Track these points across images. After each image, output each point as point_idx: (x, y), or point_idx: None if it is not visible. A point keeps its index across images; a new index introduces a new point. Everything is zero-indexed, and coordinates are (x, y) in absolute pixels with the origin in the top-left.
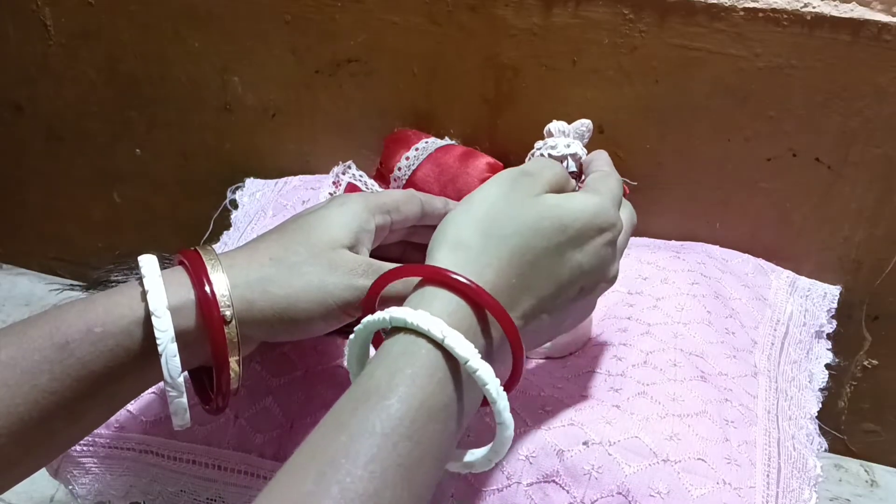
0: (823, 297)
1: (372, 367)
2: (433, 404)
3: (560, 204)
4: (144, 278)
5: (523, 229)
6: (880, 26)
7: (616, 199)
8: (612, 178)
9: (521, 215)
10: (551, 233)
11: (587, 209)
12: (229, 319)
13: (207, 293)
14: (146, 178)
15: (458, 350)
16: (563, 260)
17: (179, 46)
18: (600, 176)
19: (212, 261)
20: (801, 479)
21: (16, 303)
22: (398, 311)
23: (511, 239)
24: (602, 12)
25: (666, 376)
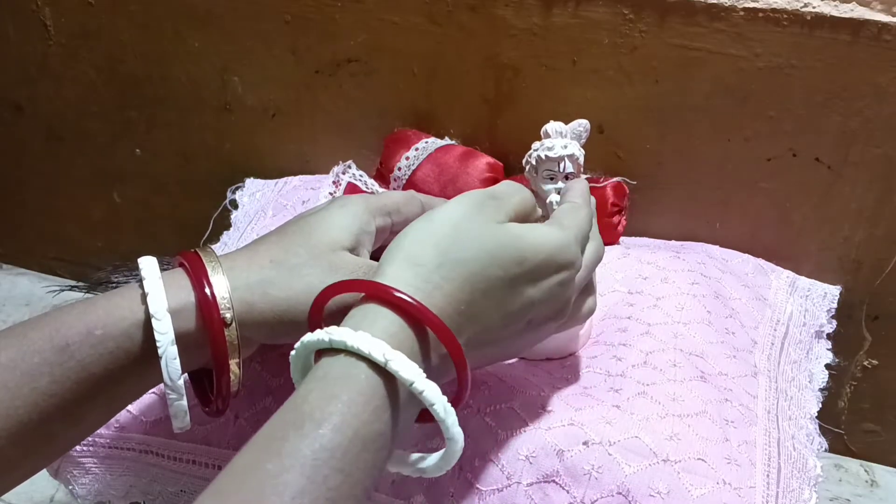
0: (823, 297)
1: (307, 389)
2: (367, 433)
3: (522, 235)
4: (144, 280)
5: (482, 255)
6: (880, 26)
7: (581, 236)
8: (581, 212)
9: (481, 240)
10: (509, 264)
11: (548, 244)
12: (229, 322)
13: (207, 295)
14: (146, 178)
15: (402, 373)
16: (515, 293)
17: (179, 46)
18: (570, 208)
19: (212, 263)
20: (801, 479)
21: (16, 303)
22: (338, 332)
23: (468, 264)
24: (602, 12)
25: (666, 376)
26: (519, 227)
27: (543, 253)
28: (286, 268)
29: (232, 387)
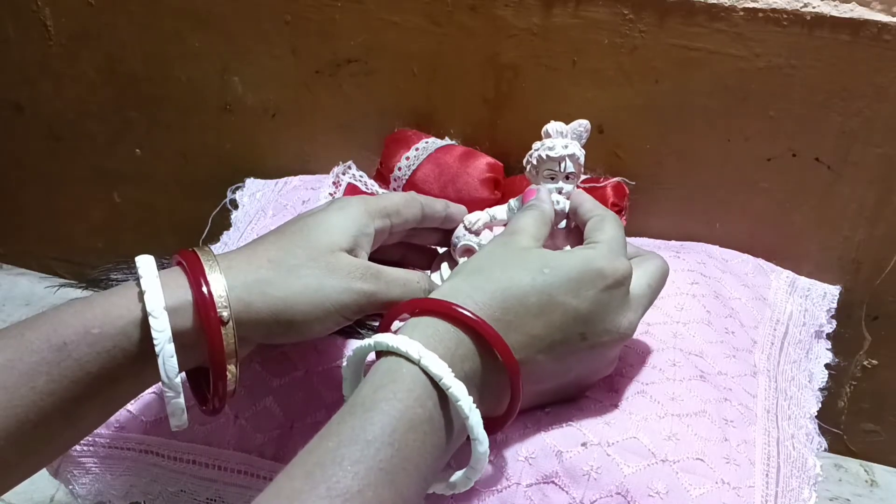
0: (823, 297)
1: (360, 386)
2: (412, 416)
3: (549, 254)
4: (142, 279)
5: (508, 269)
6: (880, 26)
7: (614, 245)
8: (606, 224)
9: (507, 260)
10: (535, 272)
11: (580, 255)
12: (226, 321)
13: (205, 294)
14: (146, 178)
15: (432, 368)
16: (553, 301)
17: (179, 46)
18: (596, 223)
19: (209, 262)
20: (800, 479)
21: (16, 303)
22: (381, 337)
23: (495, 277)
24: (602, 12)
25: (665, 376)
26: (550, 252)
27: (574, 262)
28: (284, 268)
29: (229, 386)
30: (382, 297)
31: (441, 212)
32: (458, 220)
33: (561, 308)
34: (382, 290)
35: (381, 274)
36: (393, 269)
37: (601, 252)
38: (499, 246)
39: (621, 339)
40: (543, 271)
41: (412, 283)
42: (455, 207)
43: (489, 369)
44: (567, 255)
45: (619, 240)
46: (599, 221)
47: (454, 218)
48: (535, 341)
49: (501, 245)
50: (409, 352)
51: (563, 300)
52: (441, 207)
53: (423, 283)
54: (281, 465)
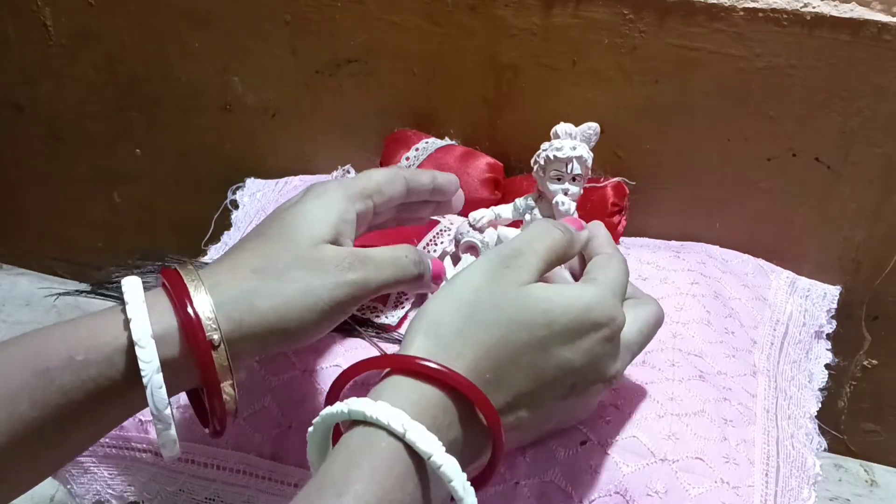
0: (823, 297)
1: (329, 461)
2: (391, 501)
3: (548, 297)
4: (127, 305)
5: (503, 321)
6: (880, 26)
7: (617, 290)
8: (613, 264)
9: (502, 306)
10: (534, 327)
11: (579, 302)
12: (217, 344)
13: (191, 317)
14: (146, 178)
15: (420, 445)
16: (548, 356)
17: (179, 46)
18: (603, 260)
19: (193, 281)
20: (800, 479)
21: (16, 303)
22: (357, 403)
23: (489, 330)
24: (602, 12)
25: (664, 375)
26: (545, 288)
27: (573, 312)
28: (271, 275)
29: (227, 408)
30: (375, 281)
31: (427, 184)
32: (448, 190)
33: (554, 361)
34: (373, 275)
35: (369, 258)
36: (380, 250)
37: (602, 298)
38: (495, 277)
39: (607, 387)
40: (544, 328)
41: (401, 259)
42: (443, 177)
43: (471, 433)
44: (567, 302)
45: (622, 284)
46: (607, 259)
47: (444, 188)
48: (523, 399)
49: (498, 276)
50: (391, 424)
51: (558, 353)
52: (427, 179)
53: (411, 256)
54: (279, 465)
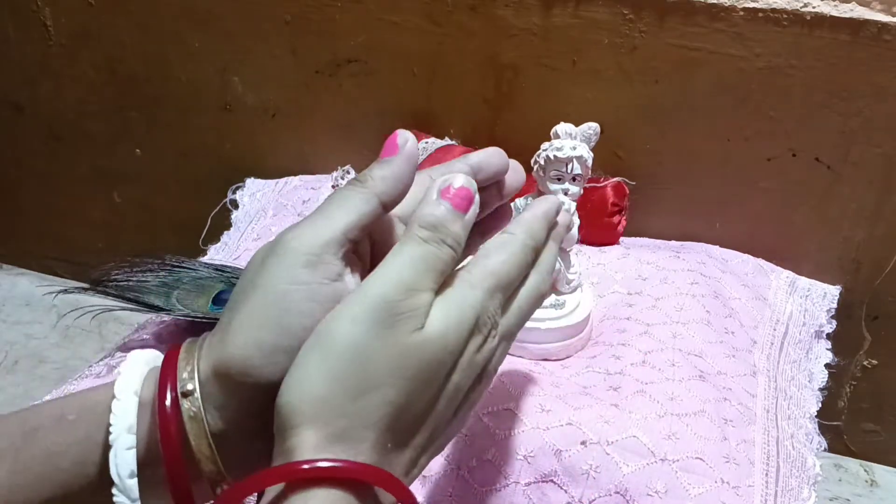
0: (823, 297)
1: None
2: None
3: (445, 331)
4: (124, 362)
5: (404, 385)
6: (880, 26)
7: (496, 284)
8: (503, 254)
9: (401, 364)
10: (437, 377)
11: (463, 323)
12: (190, 390)
13: (166, 408)
14: (146, 178)
15: None
16: (443, 393)
17: (179, 46)
18: (494, 247)
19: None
20: (800, 478)
21: (16, 303)
22: None
23: (389, 397)
24: (602, 12)
25: (664, 375)
26: (439, 319)
27: (464, 333)
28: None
29: (204, 471)
30: (375, 206)
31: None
32: (489, 167)
33: (445, 396)
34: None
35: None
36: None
37: (482, 305)
38: (384, 334)
39: (488, 382)
40: (443, 366)
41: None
42: (478, 156)
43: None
44: (458, 326)
45: (505, 273)
46: (501, 247)
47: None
48: (425, 446)
49: (388, 332)
50: None
51: (449, 383)
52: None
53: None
54: None
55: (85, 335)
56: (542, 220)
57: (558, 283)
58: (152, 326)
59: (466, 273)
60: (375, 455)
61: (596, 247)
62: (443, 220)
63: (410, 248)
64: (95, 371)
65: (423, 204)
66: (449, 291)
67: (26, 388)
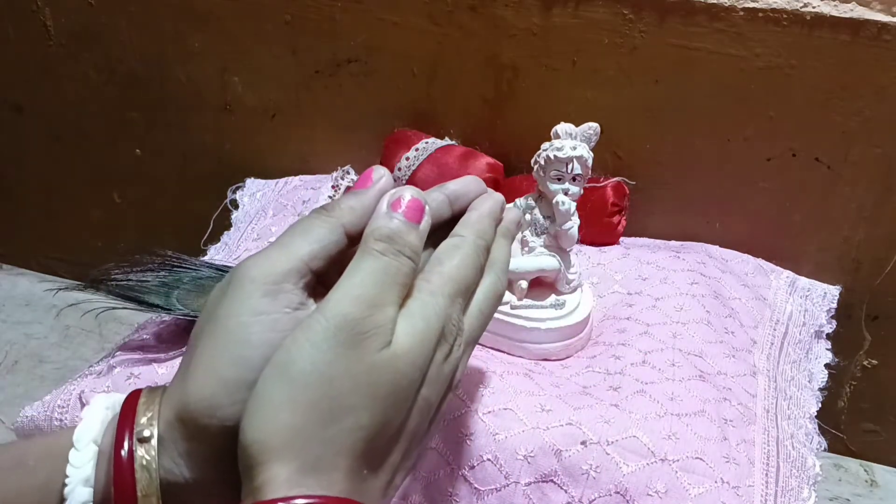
0: (823, 297)
1: None
2: None
3: (411, 347)
4: (87, 406)
5: (377, 403)
6: (880, 26)
7: (456, 289)
8: (456, 258)
9: (371, 385)
10: (408, 397)
11: (434, 334)
12: (147, 437)
13: (122, 459)
14: (146, 178)
15: None
16: (411, 411)
17: (179, 46)
18: (446, 253)
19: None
20: (800, 478)
21: (16, 303)
22: None
23: (361, 420)
24: (602, 12)
25: (664, 375)
26: (406, 334)
27: (429, 349)
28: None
29: None
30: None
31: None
32: (467, 194)
33: (417, 413)
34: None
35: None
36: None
37: (445, 314)
38: (349, 355)
39: (455, 391)
40: (412, 385)
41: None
42: (456, 185)
43: None
44: (422, 342)
45: (463, 278)
46: (452, 251)
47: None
48: (399, 465)
49: (354, 353)
50: None
51: (415, 401)
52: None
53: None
54: None
55: (85, 335)
56: (489, 219)
57: (558, 282)
58: (152, 326)
59: (425, 282)
60: (350, 483)
61: (596, 247)
62: (397, 232)
63: (367, 263)
64: (96, 371)
65: (375, 218)
66: (411, 303)
67: (26, 388)
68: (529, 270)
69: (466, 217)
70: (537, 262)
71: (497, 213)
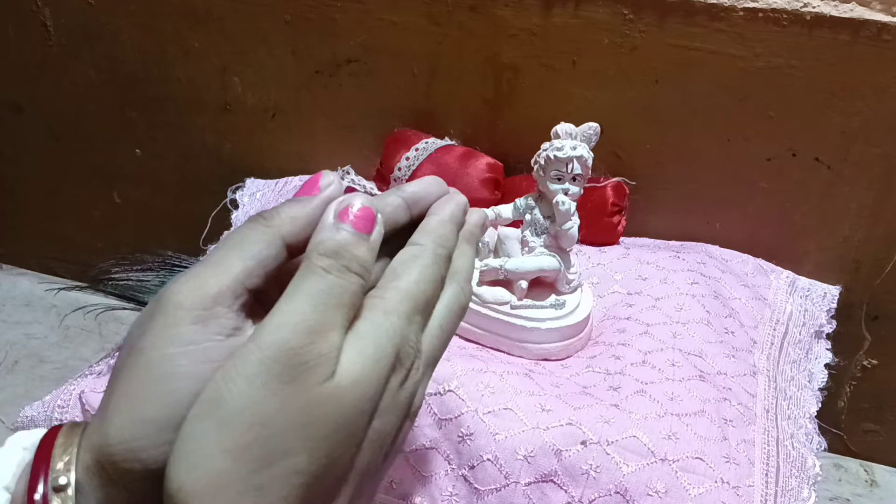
0: (823, 297)
1: None
2: None
3: (360, 377)
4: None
5: (320, 442)
6: (880, 26)
7: (413, 307)
8: (413, 271)
9: (313, 424)
10: (354, 426)
11: (364, 376)
12: (62, 485)
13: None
14: (146, 178)
15: None
16: (360, 447)
17: (179, 46)
18: (402, 266)
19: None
20: (800, 478)
21: (16, 303)
22: None
23: (300, 464)
24: (602, 12)
25: (664, 375)
26: (353, 362)
27: (381, 377)
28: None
29: None
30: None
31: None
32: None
33: (368, 446)
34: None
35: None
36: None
37: (402, 335)
38: (287, 391)
39: (414, 417)
40: (361, 416)
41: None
42: (415, 187)
43: None
44: (374, 368)
45: (421, 293)
46: (409, 265)
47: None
48: (357, 494)
49: (292, 388)
50: None
51: (365, 434)
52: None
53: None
54: None
55: (85, 335)
56: (450, 224)
57: (558, 282)
58: None
59: (378, 300)
60: None
61: (596, 247)
62: (344, 245)
63: (310, 283)
64: (96, 371)
65: (320, 230)
66: (361, 325)
67: (26, 388)
68: (529, 270)
69: (425, 223)
70: (537, 262)
71: (459, 217)
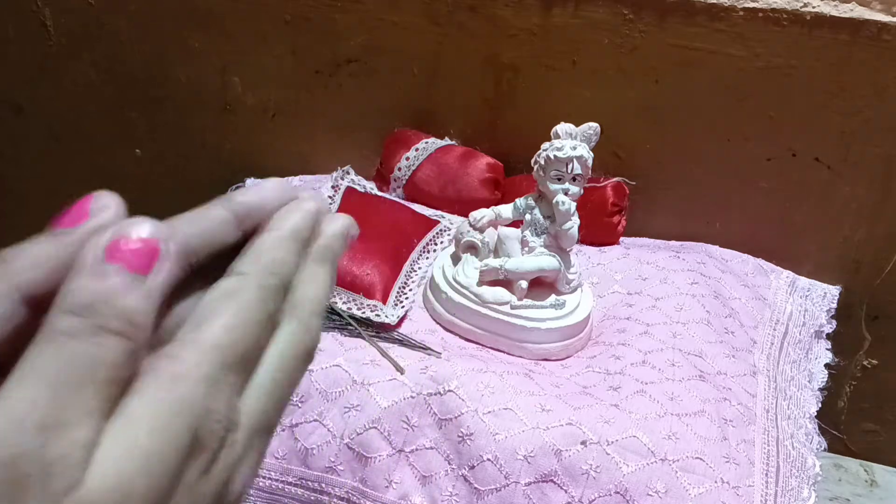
0: (823, 297)
1: None
2: None
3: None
4: None
5: None
6: (880, 26)
7: (221, 363)
8: (234, 305)
9: None
10: None
11: (129, 479)
12: None
13: None
14: (146, 178)
15: None
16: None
17: (179, 46)
18: (208, 308)
19: None
20: (800, 478)
21: None
22: None
23: None
24: (602, 12)
25: (664, 375)
26: (104, 476)
27: (165, 471)
28: None
29: None
30: None
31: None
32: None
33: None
34: None
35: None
36: None
37: (205, 409)
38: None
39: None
40: None
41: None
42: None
43: None
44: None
45: (238, 342)
46: (221, 301)
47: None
48: None
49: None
50: None
51: None
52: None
53: None
54: (282, 464)
55: None
56: (289, 242)
57: (558, 282)
58: None
59: (166, 361)
60: None
61: (596, 247)
62: (104, 295)
63: (45, 357)
64: None
65: (73, 276)
66: (132, 404)
67: None
68: (529, 270)
69: (254, 244)
70: (537, 262)
71: (304, 231)
